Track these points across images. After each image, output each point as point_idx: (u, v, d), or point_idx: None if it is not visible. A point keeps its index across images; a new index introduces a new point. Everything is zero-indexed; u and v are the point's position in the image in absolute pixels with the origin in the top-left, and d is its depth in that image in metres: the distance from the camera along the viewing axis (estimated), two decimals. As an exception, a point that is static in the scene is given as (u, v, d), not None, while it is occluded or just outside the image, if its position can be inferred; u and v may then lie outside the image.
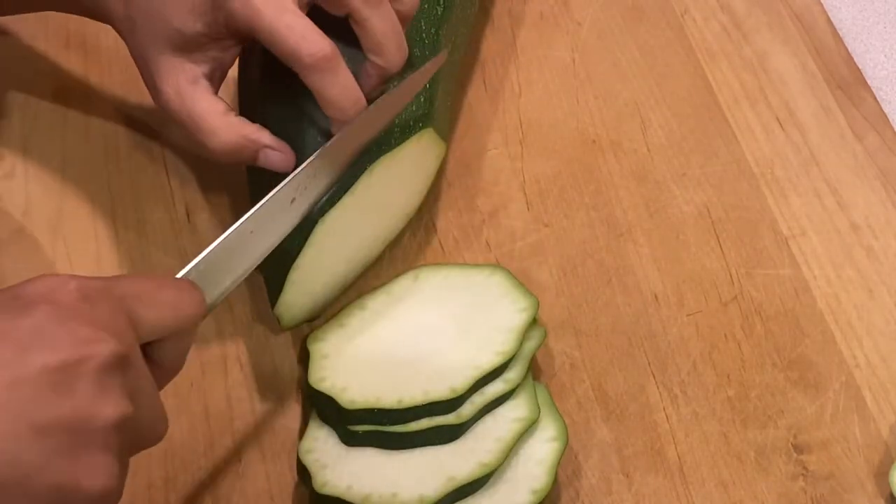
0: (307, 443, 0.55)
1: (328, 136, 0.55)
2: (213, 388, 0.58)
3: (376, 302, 0.59)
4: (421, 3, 0.60)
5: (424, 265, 0.61)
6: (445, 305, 0.59)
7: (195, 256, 0.49)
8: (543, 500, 0.53)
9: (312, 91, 0.53)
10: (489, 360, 0.55)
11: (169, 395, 0.57)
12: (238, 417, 0.57)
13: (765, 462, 0.57)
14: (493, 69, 0.70)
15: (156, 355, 0.46)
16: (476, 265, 0.60)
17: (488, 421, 0.55)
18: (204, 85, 0.55)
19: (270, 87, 0.57)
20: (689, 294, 0.62)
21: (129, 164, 0.65)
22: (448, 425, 0.54)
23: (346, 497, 0.52)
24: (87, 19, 0.59)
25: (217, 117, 0.54)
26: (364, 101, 0.54)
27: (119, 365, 0.42)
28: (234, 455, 0.56)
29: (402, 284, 0.60)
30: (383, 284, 0.60)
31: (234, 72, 0.61)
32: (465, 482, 0.52)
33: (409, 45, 0.59)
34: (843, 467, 0.57)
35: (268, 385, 0.59)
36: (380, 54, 0.54)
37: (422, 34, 0.60)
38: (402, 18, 0.55)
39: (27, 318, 0.41)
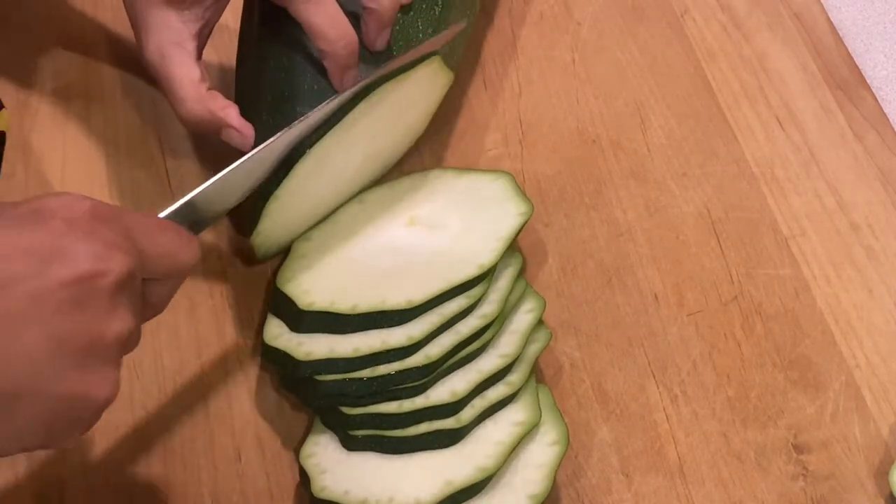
0: (308, 447, 0.54)
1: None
2: (214, 388, 0.58)
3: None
4: (419, 2, 0.61)
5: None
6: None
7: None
8: (543, 501, 0.53)
9: (300, 23, 0.53)
10: (493, 363, 0.55)
11: (169, 395, 0.57)
12: (238, 417, 0.57)
13: (765, 462, 0.57)
14: (493, 69, 0.70)
15: (145, 292, 0.47)
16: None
17: (488, 425, 0.54)
18: (187, 49, 0.56)
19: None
20: (689, 294, 0.62)
21: (129, 164, 0.65)
22: (448, 429, 0.53)
23: (343, 502, 0.52)
24: (86, 18, 0.59)
25: (191, 87, 0.55)
26: (355, 37, 0.54)
27: (129, 282, 0.43)
28: (234, 455, 0.56)
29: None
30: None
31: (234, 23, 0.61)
32: (462, 486, 0.52)
33: (406, 46, 0.59)
34: (843, 467, 0.57)
35: (268, 385, 0.58)
36: (323, 41, 0.55)
37: (419, 34, 0.60)
38: (379, 19, 0.56)
39: (46, 232, 0.42)
